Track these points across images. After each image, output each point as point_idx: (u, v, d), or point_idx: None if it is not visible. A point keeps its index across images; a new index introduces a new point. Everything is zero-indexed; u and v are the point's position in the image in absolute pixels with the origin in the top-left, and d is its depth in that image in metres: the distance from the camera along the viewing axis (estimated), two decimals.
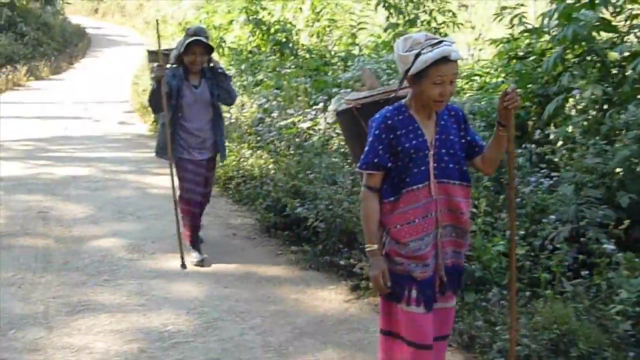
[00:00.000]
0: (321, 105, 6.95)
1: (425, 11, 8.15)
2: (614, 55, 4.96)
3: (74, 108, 12.51)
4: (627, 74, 5.11)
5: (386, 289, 2.57)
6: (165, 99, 4.57)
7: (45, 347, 3.51)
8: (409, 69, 2.49)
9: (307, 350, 3.54)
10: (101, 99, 13.63)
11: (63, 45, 20.62)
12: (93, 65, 19.68)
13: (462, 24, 8.16)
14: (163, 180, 7.07)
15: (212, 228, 5.54)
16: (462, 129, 2.68)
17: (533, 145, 5.04)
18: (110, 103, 13.17)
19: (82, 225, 5.62)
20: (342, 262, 4.51)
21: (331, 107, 6.83)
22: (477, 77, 7.04)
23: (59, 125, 10.65)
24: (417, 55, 2.45)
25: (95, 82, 16.05)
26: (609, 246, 3.80)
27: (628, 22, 5.57)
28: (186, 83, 4.70)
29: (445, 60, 2.44)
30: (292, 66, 8.79)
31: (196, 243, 4.91)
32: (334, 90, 7.01)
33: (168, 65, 4.77)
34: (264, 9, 10.57)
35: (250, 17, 10.38)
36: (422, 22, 8.11)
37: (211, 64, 4.76)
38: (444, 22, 8.12)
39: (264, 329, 3.75)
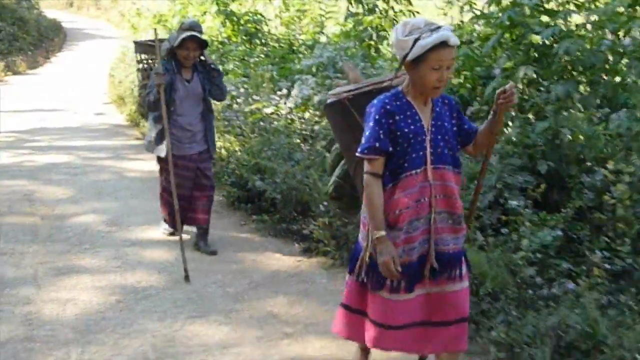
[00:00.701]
0: (285, 91, 7.61)
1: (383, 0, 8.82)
2: (537, 38, 5.64)
3: (52, 101, 13.03)
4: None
5: (397, 274, 2.63)
6: (164, 105, 4.62)
7: (35, 301, 4.16)
8: (407, 55, 2.56)
9: (260, 297, 4.23)
10: (78, 91, 14.17)
11: (39, 40, 21.00)
12: (70, 59, 20.16)
13: (418, 12, 8.83)
14: (139, 165, 7.76)
15: None
16: (454, 117, 2.79)
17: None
18: (88, 95, 13.71)
19: (64, 204, 6.25)
20: (295, 228, 5.20)
21: (294, 92, 7.54)
22: None
23: (37, 117, 11.19)
24: (416, 40, 2.52)
25: (72, 76, 16.55)
26: (519, 203, 4.50)
27: (561, 8, 6.29)
28: (179, 77, 4.79)
29: (444, 45, 2.51)
30: (260, 55, 9.43)
31: (172, 222, 5.07)
32: (297, 76, 7.66)
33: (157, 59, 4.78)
34: (234, 0, 11.16)
35: (221, 9, 10.98)
36: (380, 10, 8.76)
37: (203, 59, 4.85)
38: (400, 11, 8.79)
39: (224, 283, 4.44)
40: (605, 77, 5.66)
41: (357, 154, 2.69)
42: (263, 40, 10.83)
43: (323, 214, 4.94)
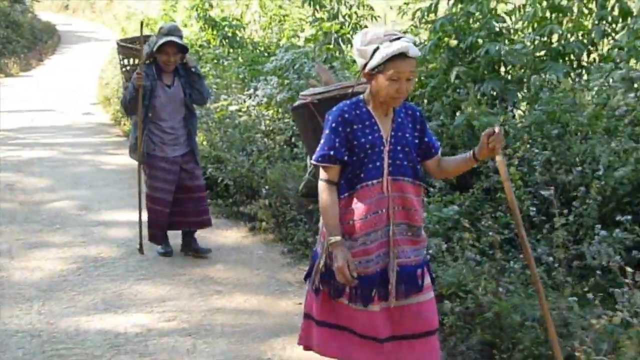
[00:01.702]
0: (252, 91, 8.40)
1: (346, 5, 9.61)
2: (453, 42, 6.44)
3: (42, 102, 13.88)
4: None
5: (352, 279, 2.63)
6: (140, 104, 4.71)
7: (8, 268, 4.93)
8: (366, 64, 2.58)
9: (202, 265, 5.01)
10: (68, 92, 15.01)
11: (32, 43, 21.92)
12: (62, 61, 21.03)
13: (379, 17, 9.62)
14: (116, 159, 8.57)
15: None
16: (417, 129, 2.78)
17: None
18: (77, 96, 14.55)
19: (42, 193, 7.05)
20: (245, 210, 5.97)
21: (260, 92, 8.30)
22: None
23: (27, 117, 12.01)
24: (375, 50, 2.53)
25: (63, 78, 17.40)
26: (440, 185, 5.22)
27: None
28: (159, 83, 4.80)
29: (403, 56, 2.52)
30: (233, 57, 10.24)
31: (161, 239, 5.13)
32: (261, 77, 8.44)
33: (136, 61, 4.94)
34: (212, 6, 11.97)
35: (201, 15, 11.79)
36: (343, 15, 9.55)
37: (184, 62, 4.84)
38: (362, 16, 9.57)
39: (173, 254, 5.20)
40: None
41: (312, 162, 2.76)
42: (240, 44, 11.63)
43: (265, 197, 5.72)
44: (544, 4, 6.93)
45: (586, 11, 7.08)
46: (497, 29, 6.76)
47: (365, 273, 2.68)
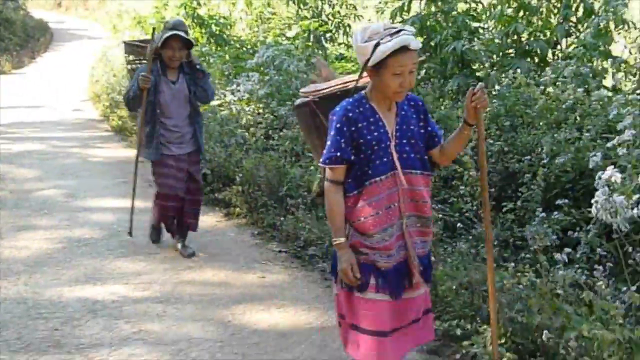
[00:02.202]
0: (234, 86, 8.89)
1: (329, 4, 10.13)
2: (419, 39, 6.96)
3: (34, 98, 14.38)
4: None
5: (356, 280, 2.67)
6: (144, 103, 4.75)
7: None
8: (368, 60, 2.57)
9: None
10: (59, 89, 15.52)
11: (25, 40, 22.44)
12: (54, 59, 21.55)
13: (362, 16, 10.13)
14: (102, 152, 9.09)
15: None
16: (422, 119, 2.79)
17: None
18: (68, 93, 15.06)
19: (31, 182, 7.54)
20: (221, 197, 6.47)
21: (241, 88, 8.79)
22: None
23: (19, 113, 12.49)
24: (376, 46, 2.52)
25: (55, 75, 17.91)
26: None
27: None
28: (164, 79, 4.80)
29: (404, 49, 2.52)
30: (219, 55, 10.74)
31: (160, 234, 5.40)
32: (243, 74, 8.94)
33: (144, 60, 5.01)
34: (199, 5, 12.46)
35: (189, 13, 12.29)
36: (326, 14, 10.06)
37: (189, 59, 4.85)
38: (345, 14, 10.08)
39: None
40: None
41: (319, 164, 2.76)
42: (227, 42, 12.13)
43: (239, 184, 6.22)
44: (515, 4, 7.47)
45: (556, 11, 7.63)
46: (466, 28, 7.27)
47: (389, 267, 2.72)
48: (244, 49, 11.71)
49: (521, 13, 7.52)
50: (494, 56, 7.38)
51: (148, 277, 4.80)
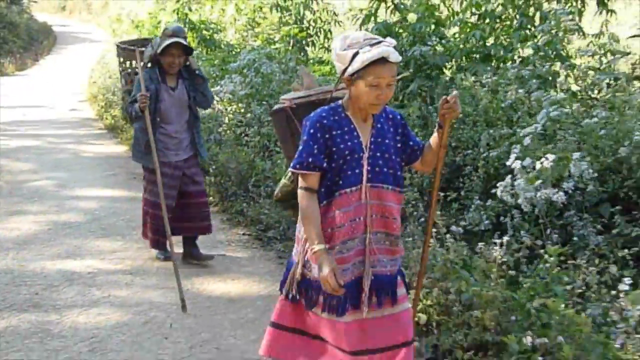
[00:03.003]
0: (218, 88, 9.53)
1: (310, 10, 10.77)
2: None
3: (34, 99, 15.07)
4: None
5: (339, 288, 2.55)
6: (148, 116, 4.61)
7: None
8: (346, 69, 2.55)
9: None
10: (59, 90, 16.22)
11: (29, 43, 23.20)
12: (56, 61, 22.31)
13: (342, 22, 10.76)
14: (94, 148, 9.75)
15: (121, 174, 8.13)
16: (399, 134, 2.75)
17: None
18: (67, 94, 15.75)
19: (26, 174, 8.20)
20: None
21: (223, 89, 9.38)
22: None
23: (19, 112, 13.16)
24: (355, 54, 2.50)
25: (56, 77, 18.64)
26: None
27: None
28: (163, 86, 4.78)
29: (383, 61, 2.49)
30: (208, 58, 11.39)
31: (164, 245, 5.10)
32: (227, 76, 9.58)
33: (141, 63, 4.82)
34: (191, 11, 13.13)
35: (181, 17, 12.96)
36: (308, 20, 10.70)
37: (188, 64, 4.84)
38: (326, 20, 10.72)
39: (131, 220, 6.31)
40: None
41: (290, 169, 2.74)
42: (218, 46, 12.79)
43: (212, 175, 6.85)
44: (477, 12, 8.08)
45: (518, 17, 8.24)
46: (428, 34, 7.88)
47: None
48: (233, 52, 12.37)
49: (487, 20, 8.15)
50: (458, 60, 8.01)
51: (122, 254, 5.43)
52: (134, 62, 5.14)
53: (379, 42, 2.52)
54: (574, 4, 8.33)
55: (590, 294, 3.74)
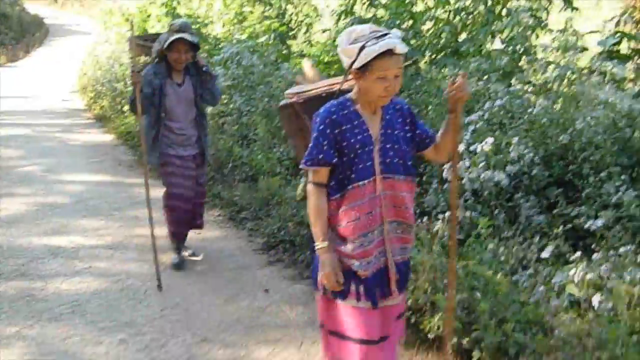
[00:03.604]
0: None
1: (292, 4, 11.18)
2: None
3: (26, 89, 15.45)
4: None
5: (339, 286, 2.66)
6: (139, 104, 4.59)
7: None
8: (353, 63, 2.56)
9: (136, 207, 6.54)
10: (50, 81, 16.60)
11: (20, 35, 23.51)
12: (48, 53, 22.64)
13: (321, 16, 11.17)
14: (81, 137, 10.15)
15: (107, 161, 8.55)
16: (407, 123, 2.77)
17: None
18: (58, 85, 16.13)
19: (15, 160, 8.62)
20: None
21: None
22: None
23: (10, 103, 13.53)
24: (362, 48, 2.52)
25: (47, 68, 18.99)
26: None
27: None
28: (169, 81, 4.73)
29: (390, 53, 2.51)
30: None
31: (183, 236, 5.20)
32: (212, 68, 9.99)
33: (148, 58, 4.93)
34: (179, 3, 13.54)
35: (169, 11, 13.36)
36: (289, 14, 11.11)
37: (195, 60, 4.80)
38: (307, 14, 11.14)
39: (114, 203, 6.75)
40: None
41: (300, 166, 2.76)
42: (205, 39, 13.19)
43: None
44: (454, 5, 8.52)
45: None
46: (404, 29, 8.31)
47: (367, 275, 2.70)
48: (219, 46, 12.78)
49: (457, 17, 8.59)
50: (431, 55, 8.45)
51: (104, 231, 5.88)
52: (147, 57, 5.17)
53: (385, 35, 2.56)
54: (541, 2, 8.78)
55: (529, 265, 4.17)
